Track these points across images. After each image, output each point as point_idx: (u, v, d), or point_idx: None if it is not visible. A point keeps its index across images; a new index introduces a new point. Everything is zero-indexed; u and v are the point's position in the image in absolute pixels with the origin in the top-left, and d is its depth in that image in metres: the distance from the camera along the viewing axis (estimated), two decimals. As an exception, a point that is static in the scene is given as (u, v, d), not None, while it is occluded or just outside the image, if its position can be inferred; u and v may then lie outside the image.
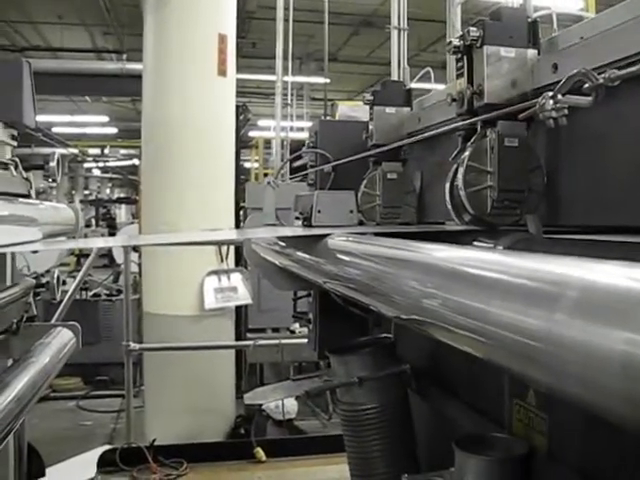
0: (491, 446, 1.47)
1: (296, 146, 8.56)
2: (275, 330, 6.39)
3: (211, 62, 5.21)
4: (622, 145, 1.19)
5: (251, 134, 13.10)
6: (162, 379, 5.31)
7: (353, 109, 8.81)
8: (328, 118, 7.92)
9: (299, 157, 3.19)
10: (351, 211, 2.04)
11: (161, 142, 5.34)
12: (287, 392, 2.17)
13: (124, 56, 10.07)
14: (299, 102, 13.80)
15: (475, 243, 1.37)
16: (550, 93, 0.71)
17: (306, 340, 5.17)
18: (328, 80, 11.35)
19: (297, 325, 6.45)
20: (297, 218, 2.20)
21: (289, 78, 7.19)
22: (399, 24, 6.60)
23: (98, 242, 3.85)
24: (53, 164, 2.87)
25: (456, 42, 1.40)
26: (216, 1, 5.48)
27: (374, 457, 2.01)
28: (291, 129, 10.30)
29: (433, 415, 2.07)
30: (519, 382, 1.54)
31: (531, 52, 1.36)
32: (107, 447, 4.57)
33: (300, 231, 1.99)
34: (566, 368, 0.57)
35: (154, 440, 3.82)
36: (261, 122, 15.51)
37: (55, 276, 2.74)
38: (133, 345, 4.41)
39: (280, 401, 5.44)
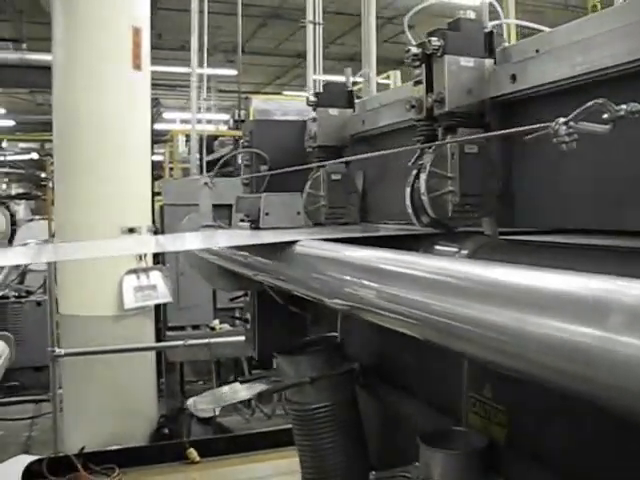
0: (450, 440, 1.52)
1: (210, 139, 8.47)
2: (195, 327, 6.31)
3: (125, 56, 5.07)
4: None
5: (156, 127, 12.81)
6: (80, 382, 5.13)
7: (267, 103, 8.82)
8: (242, 112, 7.89)
9: (234, 156, 3.17)
10: (298, 213, 2.05)
11: (74, 137, 5.15)
12: (239, 395, 2.16)
13: (24, 45, 9.60)
14: (207, 94, 13.62)
15: (439, 248, 1.42)
16: (562, 119, 0.75)
17: (232, 338, 5.14)
18: (236, 72, 11.23)
19: (217, 322, 6.40)
20: (242, 220, 2.19)
21: (204, 70, 7.10)
22: (314, 18, 6.63)
23: (11, 258, 3.56)
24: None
25: (415, 50, 1.44)
26: (129, -7, 5.33)
27: (326, 454, 2.04)
28: (199, 122, 10.17)
29: (381, 411, 2.12)
30: (474, 376, 1.61)
31: (488, 62, 1.41)
32: (25, 457, 4.40)
33: (248, 234, 1.99)
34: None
35: (83, 447, 3.71)
36: (166, 115, 15.17)
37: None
38: (59, 350, 4.24)
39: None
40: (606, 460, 1.22)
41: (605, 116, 0.69)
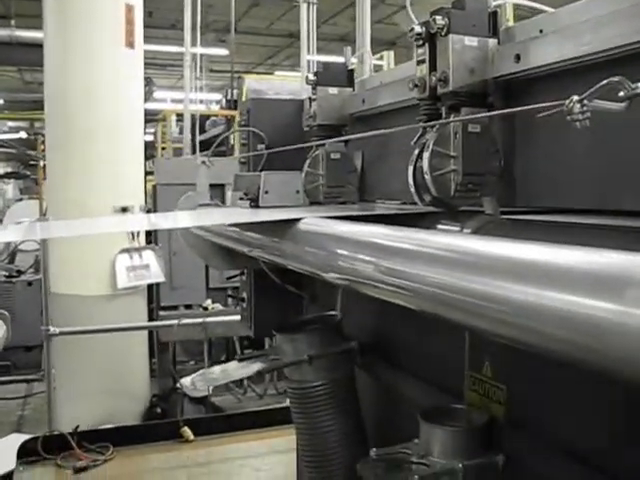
0: (450, 417, 1.54)
1: (202, 119, 8.42)
2: (188, 307, 6.32)
3: (118, 33, 5.02)
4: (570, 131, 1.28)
5: (147, 106, 12.71)
6: (73, 361, 5.14)
7: (259, 82, 8.78)
8: (235, 91, 7.85)
9: (226, 136, 3.16)
10: (297, 191, 2.06)
11: (66, 116, 5.11)
12: (237, 373, 2.17)
13: (12, 22, 9.46)
14: (199, 74, 13.51)
15: (441, 226, 1.43)
16: (576, 97, 0.76)
17: (226, 317, 5.15)
18: (227, 52, 11.14)
19: (209, 301, 6.42)
20: (241, 199, 2.19)
21: (197, 50, 7.04)
22: (308, -3, 6.56)
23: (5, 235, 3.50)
24: None
25: (418, 29, 1.44)
26: (121, -31, 5.26)
27: (324, 432, 2.06)
28: (191, 101, 10.12)
29: (379, 389, 2.14)
30: (474, 355, 1.63)
31: (492, 41, 1.41)
32: (18, 435, 4.42)
33: (249, 212, 1.99)
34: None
35: (77, 426, 3.73)
36: (156, 94, 15.03)
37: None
38: (53, 329, 4.24)
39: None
40: (601, 435, 1.24)
41: (621, 94, 0.70)
